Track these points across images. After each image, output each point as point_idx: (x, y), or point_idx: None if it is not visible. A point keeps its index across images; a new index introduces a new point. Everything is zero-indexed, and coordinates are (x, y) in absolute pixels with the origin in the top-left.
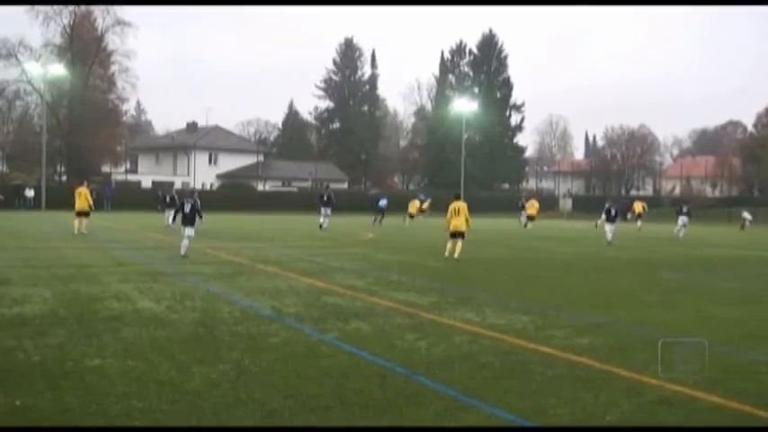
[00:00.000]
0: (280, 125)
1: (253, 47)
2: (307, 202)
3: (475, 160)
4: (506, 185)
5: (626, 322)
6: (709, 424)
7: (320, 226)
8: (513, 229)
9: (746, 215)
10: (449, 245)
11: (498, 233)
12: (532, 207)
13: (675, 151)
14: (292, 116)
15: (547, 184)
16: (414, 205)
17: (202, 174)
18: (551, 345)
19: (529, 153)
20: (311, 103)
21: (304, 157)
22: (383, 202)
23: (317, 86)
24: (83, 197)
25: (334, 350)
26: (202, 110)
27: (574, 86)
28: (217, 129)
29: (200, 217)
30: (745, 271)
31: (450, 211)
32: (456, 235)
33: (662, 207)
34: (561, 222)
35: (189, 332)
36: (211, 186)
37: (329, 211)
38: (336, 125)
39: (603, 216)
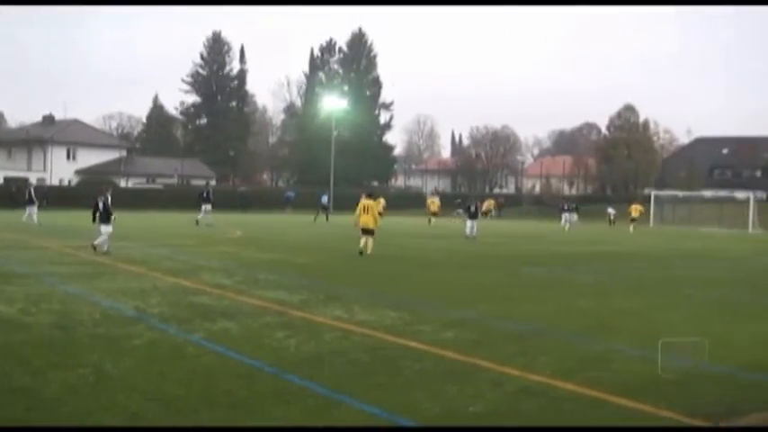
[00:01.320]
0: (144, 120)
1: (116, 38)
2: (173, 199)
3: (344, 158)
4: (375, 183)
5: (491, 316)
6: (567, 412)
7: (202, 223)
8: (385, 227)
9: (611, 210)
10: (361, 241)
11: None
12: (433, 204)
13: (536, 151)
14: (157, 111)
15: (415, 182)
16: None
17: (60, 169)
18: (419, 339)
19: (397, 151)
20: (177, 97)
21: (170, 153)
22: (324, 198)
23: (183, 81)
24: None
25: (200, 351)
26: (60, 103)
27: (441, 86)
28: (76, 122)
29: (110, 216)
30: (600, 266)
31: (359, 208)
32: (366, 232)
33: (521, 206)
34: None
35: (45, 335)
36: (69, 183)
37: (209, 207)
38: (204, 121)
39: (466, 213)
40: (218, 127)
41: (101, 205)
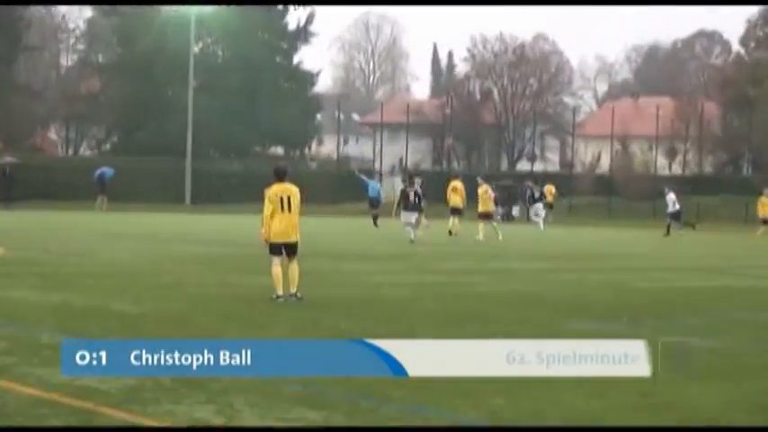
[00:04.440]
0: None
1: None
2: None
3: (215, 101)
4: (281, 150)
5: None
6: None
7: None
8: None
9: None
10: (274, 269)
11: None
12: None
13: (603, 87)
14: None
15: (357, 149)
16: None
17: None
18: None
19: (325, 87)
20: None
21: None
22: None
23: None
24: None
25: None
26: None
27: None
28: None
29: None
30: (733, 318)
31: (274, 201)
32: (286, 249)
33: (573, 196)
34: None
35: None
36: None
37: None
38: None
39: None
40: None
41: None
